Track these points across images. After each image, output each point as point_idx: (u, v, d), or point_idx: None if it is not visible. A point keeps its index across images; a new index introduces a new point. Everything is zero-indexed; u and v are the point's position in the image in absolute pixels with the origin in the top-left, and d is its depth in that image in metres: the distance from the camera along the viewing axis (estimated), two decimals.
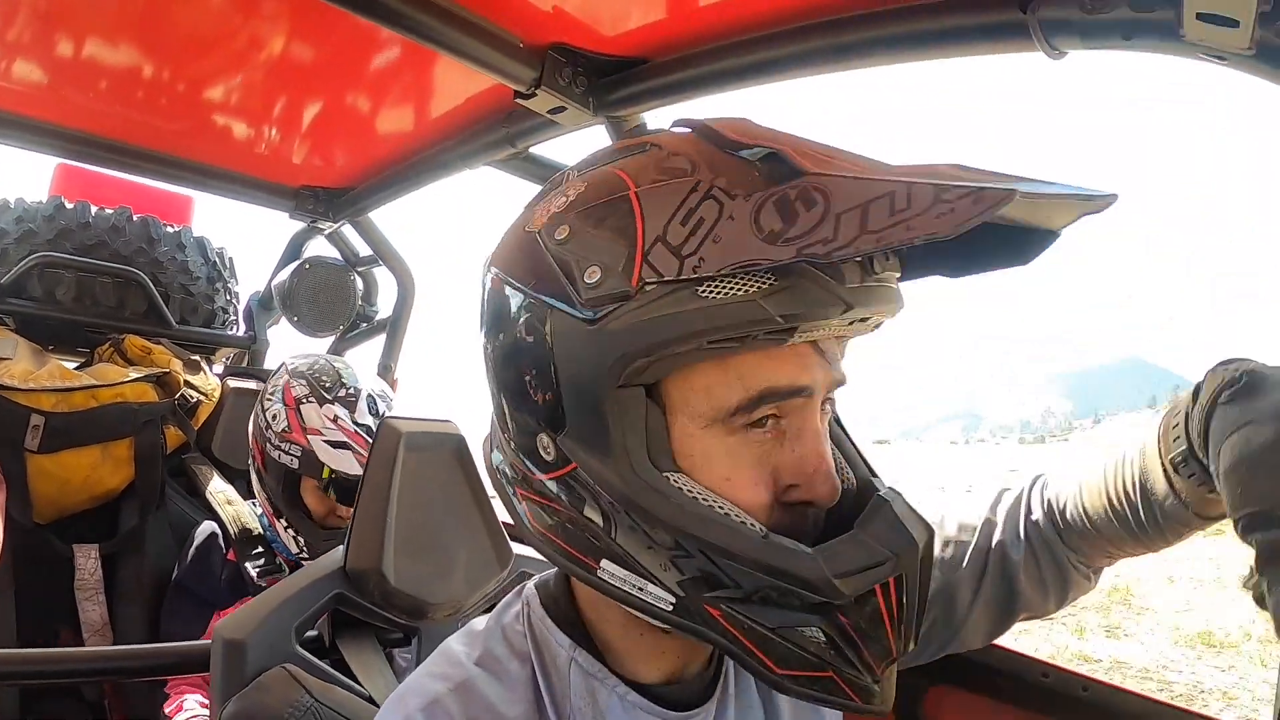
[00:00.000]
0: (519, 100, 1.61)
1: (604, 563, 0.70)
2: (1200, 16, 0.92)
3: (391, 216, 2.86)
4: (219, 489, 2.30)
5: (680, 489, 0.66)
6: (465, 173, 2.17)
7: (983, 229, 0.55)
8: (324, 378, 1.93)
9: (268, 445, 1.91)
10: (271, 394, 1.96)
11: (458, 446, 1.46)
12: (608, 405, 0.65)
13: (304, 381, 1.92)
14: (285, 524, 1.94)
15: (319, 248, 3.10)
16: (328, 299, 2.98)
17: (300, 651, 1.22)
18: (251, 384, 2.75)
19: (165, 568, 2.15)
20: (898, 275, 0.68)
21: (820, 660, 0.66)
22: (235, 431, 2.55)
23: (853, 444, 0.80)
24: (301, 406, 1.89)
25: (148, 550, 2.30)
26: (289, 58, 1.80)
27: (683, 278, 0.61)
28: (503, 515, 1.57)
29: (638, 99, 1.62)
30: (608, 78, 1.62)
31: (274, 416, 1.91)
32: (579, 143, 1.93)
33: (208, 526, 2.14)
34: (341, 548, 1.33)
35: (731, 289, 0.60)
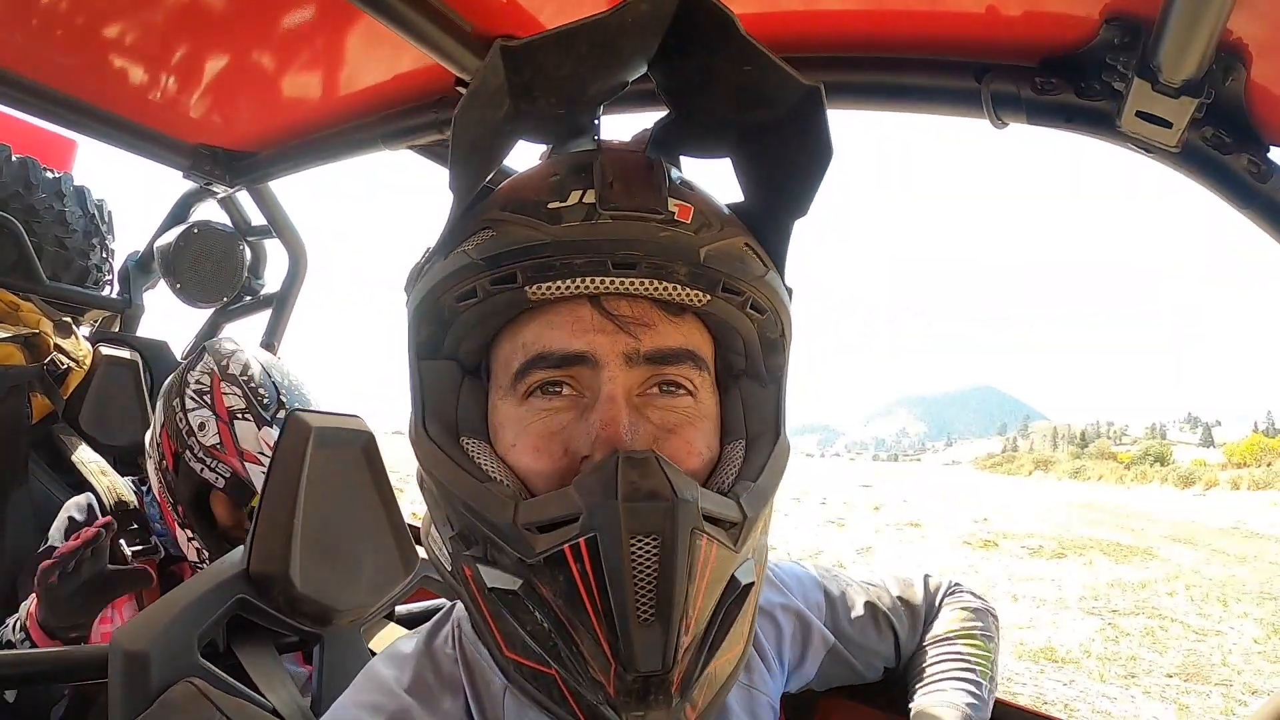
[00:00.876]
0: (460, 88, 1.54)
1: (431, 528, 0.75)
2: (1139, 114, 1.04)
3: (292, 188, 2.73)
4: (90, 459, 2.12)
5: (463, 448, 0.70)
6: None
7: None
8: (262, 391, 1.74)
9: (187, 454, 1.71)
10: (196, 393, 1.75)
11: (367, 444, 1.39)
12: (412, 373, 0.73)
13: (239, 392, 1.72)
14: (189, 534, 1.75)
15: (207, 212, 2.92)
16: (213, 267, 2.80)
17: (204, 663, 1.14)
18: (124, 352, 2.56)
19: (27, 549, 1.97)
20: (659, 212, 0.66)
21: (541, 651, 0.62)
22: (106, 403, 2.39)
23: (765, 461, 0.73)
24: (236, 424, 1.69)
25: (7, 530, 2.12)
26: (198, 3, 1.66)
27: (438, 247, 0.71)
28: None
29: None
30: None
31: (200, 426, 1.71)
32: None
33: (83, 499, 1.94)
34: (241, 549, 1.24)
35: (463, 248, 0.68)
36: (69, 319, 2.49)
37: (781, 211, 0.74)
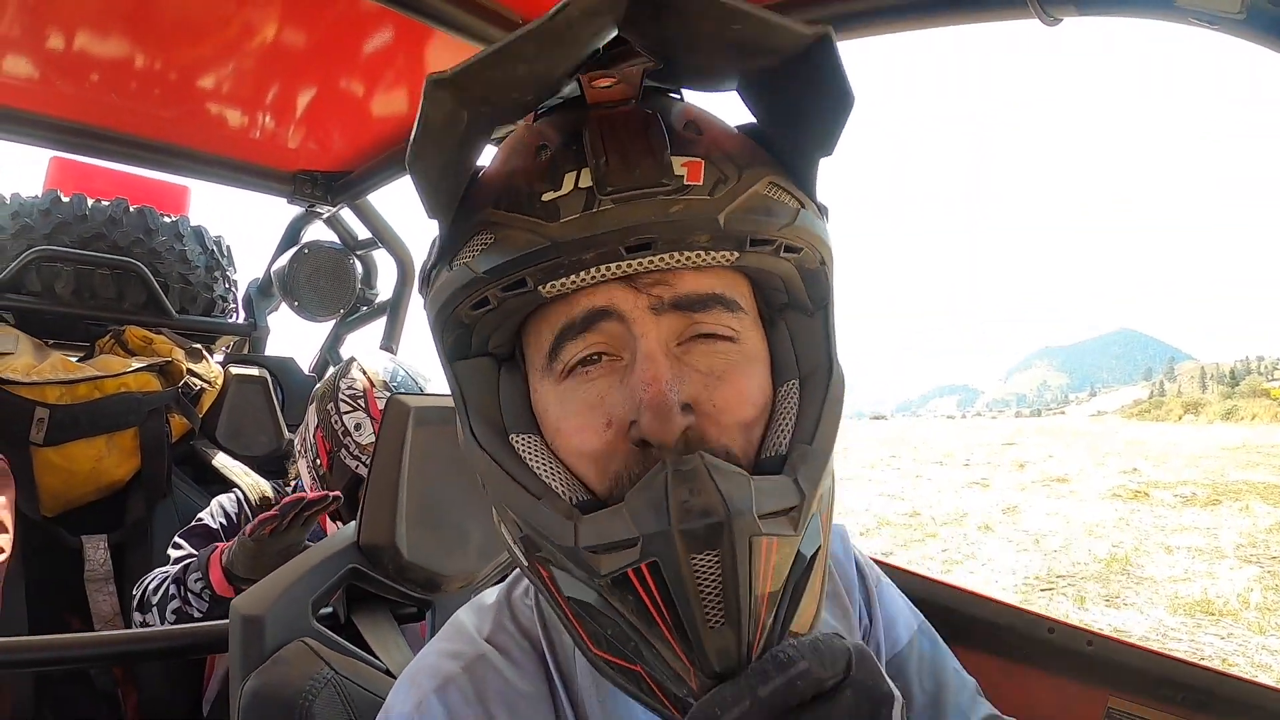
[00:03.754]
0: None
1: (502, 525, 0.72)
2: None
3: (390, 198, 2.86)
4: (233, 464, 2.33)
5: (513, 448, 0.67)
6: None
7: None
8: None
9: (342, 451, 1.87)
10: (349, 398, 1.91)
11: None
12: (449, 377, 0.70)
13: (389, 396, 1.87)
14: (339, 525, 1.93)
15: (317, 232, 3.11)
16: (327, 283, 2.99)
17: (317, 626, 1.23)
18: (253, 370, 2.77)
19: None
20: (665, 183, 0.60)
21: (625, 650, 0.62)
22: (239, 417, 2.59)
23: (821, 407, 0.69)
24: None
25: (155, 539, 2.32)
26: (281, 42, 1.79)
27: (438, 255, 0.67)
28: None
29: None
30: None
31: (357, 426, 1.87)
32: None
33: (232, 495, 2.17)
34: (354, 523, 1.34)
35: (464, 258, 0.64)
36: (199, 346, 2.68)
37: (805, 146, 0.67)
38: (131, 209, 2.76)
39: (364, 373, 1.93)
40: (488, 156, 0.71)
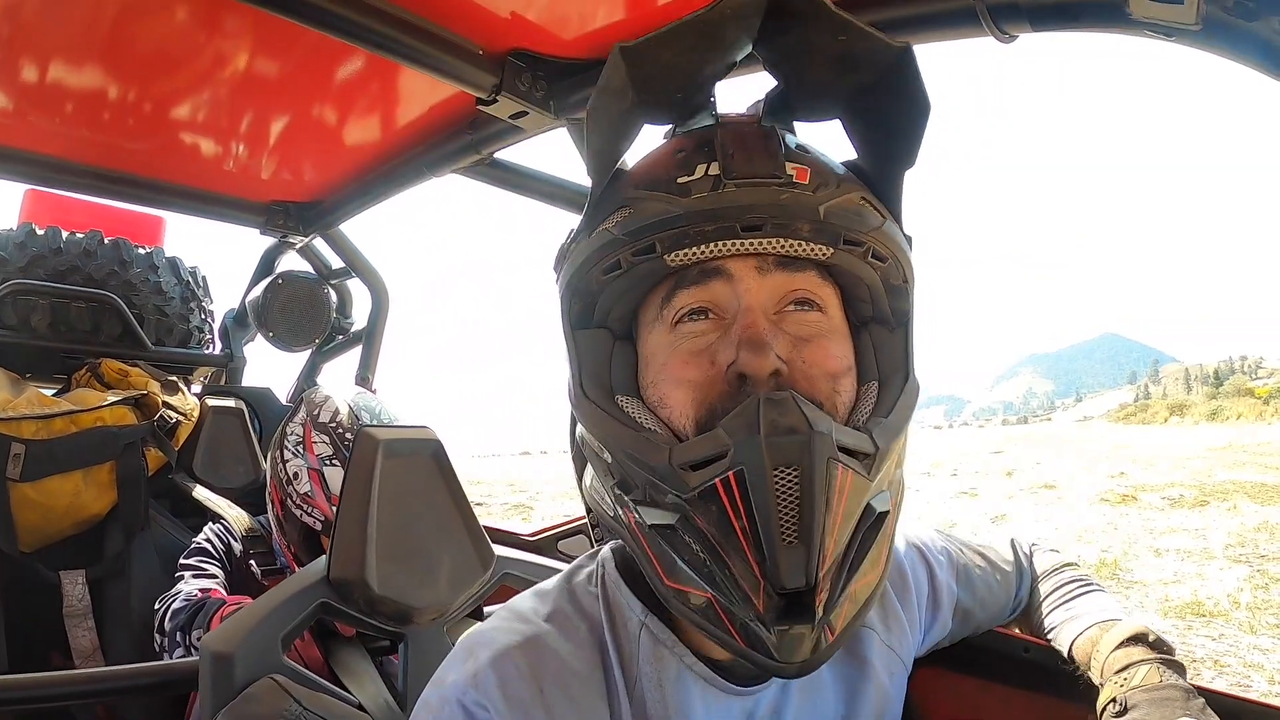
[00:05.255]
0: (480, 107, 1.62)
1: (592, 481, 0.84)
2: None
3: (362, 227, 2.87)
4: (214, 497, 2.33)
5: (619, 405, 0.77)
6: (434, 180, 2.16)
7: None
8: (348, 436, 1.85)
9: (289, 501, 1.85)
10: (291, 444, 1.89)
11: (435, 452, 1.47)
12: (568, 343, 0.81)
13: (327, 439, 1.85)
14: None
15: (291, 262, 3.10)
16: (302, 313, 2.98)
17: (287, 662, 1.23)
18: (230, 401, 2.75)
19: (153, 591, 2.12)
20: (778, 177, 0.73)
21: (698, 578, 0.68)
22: (216, 449, 2.58)
23: (897, 399, 0.78)
24: (325, 471, 1.81)
25: (134, 574, 2.30)
26: (253, 74, 1.79)
27: (582, 228, 0.79)
28: (483, 520, 1.58)
29: None
30: (567, 80, 1.63)
31: (295, 475, 1.84)
32: (546, 147, 1.94)
33: (217, 527, 2.18)
34: (324, 557, 1.34)
35: (604, 226, 0.76)
36: (174, 379, 2.67)
37: (891, 164, 0.78)
38: (106, 241, 2.76)
39: (307, 415, 1.90)
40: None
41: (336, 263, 3.05)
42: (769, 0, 0.71)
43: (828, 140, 0.83)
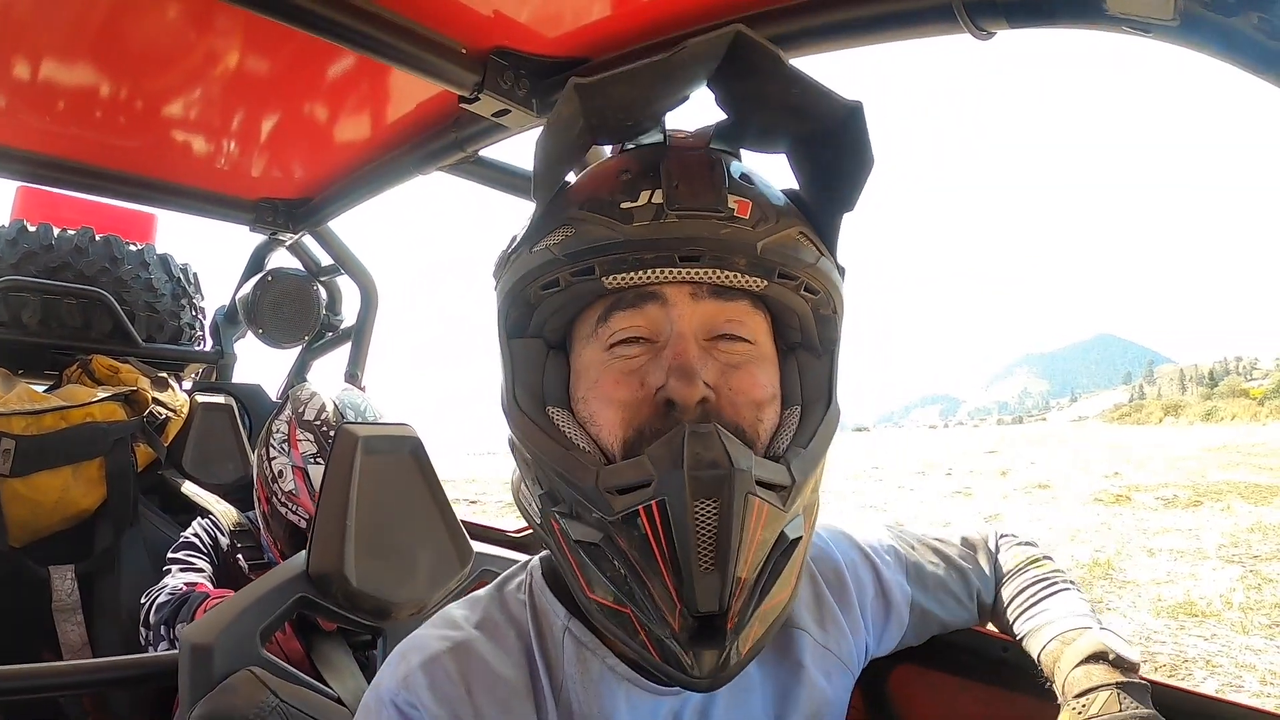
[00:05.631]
0: (463, 105, 1.63)
1: (522, 487, 0.86)
2: None
3: (350, 223, 2.86)
4: (202, 493, 2.33)
5: (549, 417, 0.79)
6: (421, 178, 2.17)
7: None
8: (332, 434, 1.83)
9: (274, 499, 1.85)
10: (276, 441, 1.88)
11: (414, 449, 1.49)
12: (503, 351, 0.82)
13: (310, 436, 1.84)
14: None
15: (281, 259, 3.12)
16: (292, 310, 2.99)
17: (266, 654, 1.25)
18: (219, 398, 2.77)
19: (142, 586, 2.13)
20: (720, 211, 0.74)
21: (619, 592, 0.72)
22: (205, 445, 2.59)
23: (817, 427, 0.82)
24: (310, 469, 1.80)
25: (123, 569, 2.31)
26: (243, 72, 1.81)
27: (523, 240, 0.80)
28: (462, 514, 1.59)
29: None
30: (549, 79, 1.64)
31: (280, 473, 1.84)
32: (530, 145, 1.95)
33: (206, 522, 2.17)
34: (304, 552, 1.35)
35: (545, 243, 0.77)
36: (164, 375, 2.68)
37: (831, 207, 0.82)
38: (97, 238, 2.78)
39: (292, 412, 1.90)
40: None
41: (326, 260, 3.07)
42: (727, 47, 0.71)
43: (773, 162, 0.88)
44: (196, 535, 2.10)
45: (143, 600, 1.92)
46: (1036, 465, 26.69)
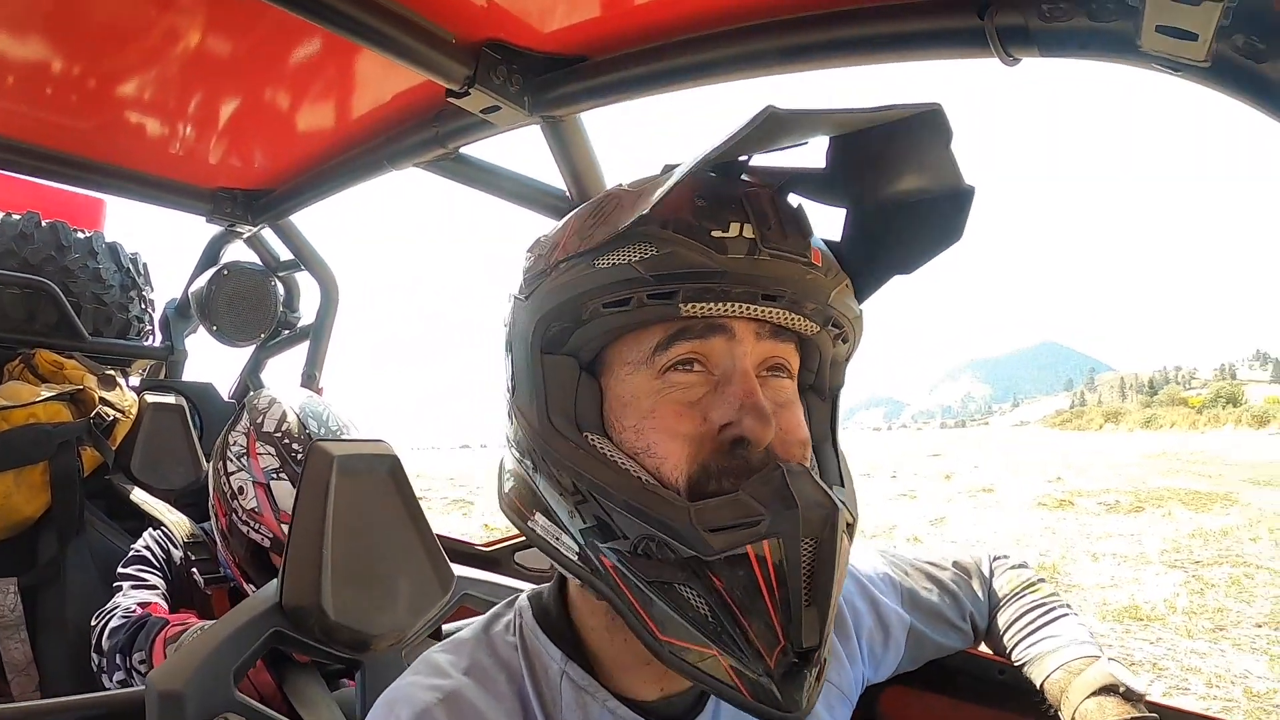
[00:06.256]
0: (451, 99, 1.54)
1: (536, 514, 0.80)
2: (1160, 29, 0.93)
3: (313, 219, 2.75)
4: (153, 501, 2.21)
5: (592, 444, 0.74)
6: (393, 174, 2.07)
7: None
8: (294, 446, 1.73)
9: (234, 517, 1.74)
10: (234, 454, 1.77)
11: (392, 467, 1.40)
12: (534, 367, 0.77)
13: (272, 450, 1.73)
14: (255, 589, 1.77)
15: (237, 252, 2.98)
16: (247, 306, 2.86)
17: (240, 697, 1.16)
18: (169, 398, 2.63)
19: (89, 599, 2.01)
20: (805, 257, 0.73)
21: (702, 634, 0.69)
22: (155, 450, 2.45)
23: (838, 466, 0.84)
24: (272, 485, 1.69)
25: (69, 581, 2.18)
26: (205, 52, 1.68)
27: (581, 251, 0.74)
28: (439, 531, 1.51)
29: (575, 98, 1.56)
30: (544, 76, 1.55)
31: (240, 489, 1.73)
32: (514, 143, 1.87)
33: (158, 534, 2.05)
34: (275, 582, 1.26)
35: (619, 259, 0.72)
36: (113, 372, 2.55)
37: (886, 267, 0.82)
38: (44, 224, 2.64)
39: (250, 423, 1.79)
40: None
41: (284, 254, 2.95)
42: (919, 119, 0.71)
43: None
44: (148, 548, 1.99)
45: (93, 622, 1.80)
46: (980, 469, 27.30)
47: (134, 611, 1.75)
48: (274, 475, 1.70)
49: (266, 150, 2.28)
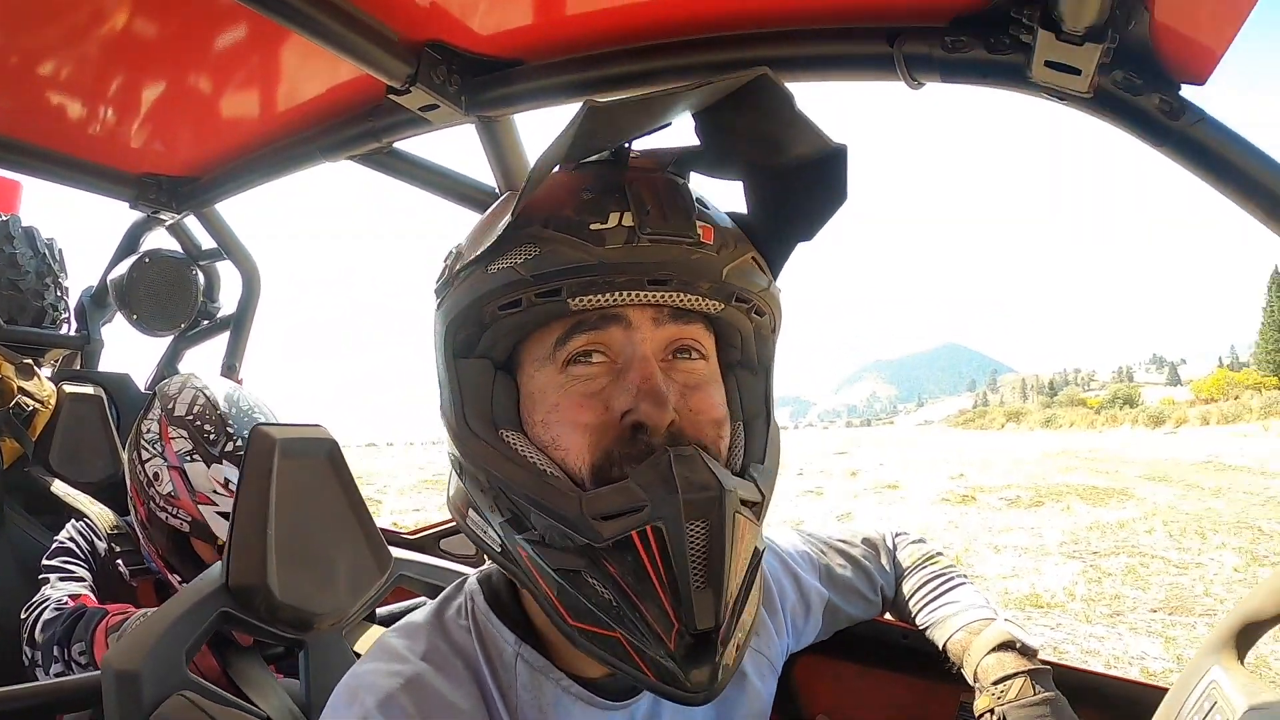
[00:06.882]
0: (392, 96, 1.56)
1: (469, 511, 0.84)
2: (1049, 64, 1.08)
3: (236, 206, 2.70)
4: (74, 493, 2.16)
5: (505, 441, 0.77)
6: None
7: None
8: (207, 427, 1.72)
9: (152, 505, 1.72)
10: (147, 441, 1.75)
11: (331, 451, 1.42)
12: (449, 372, 0.80)
13: (184, 433, 1.71)
14: (180, 578, 1.76)
15: (157, 239, 2.92)
16: (169, 295, 2.82)
17: (193, 677, 1.17)
18: (88, 388, 2.56)
19: (10, 594, 1.98)
20: (690, 237, 0.75)
21: (606, 618, 0.71)
22: (74, 442, 2.40)
23: (765, 443, 0.86)
24: (186, 467, 1.68)
25: None
26: (132, 32, 1.65)
27: (476, 258, 0.76)
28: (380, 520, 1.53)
29: (510, 100, 1.61)
30: (481, 77, 1.59)
31: (156, 476, 1.71)
32: (447, 136, 1.89)
33: (80, 525, 2.01)
34: (219, 564, 1.27)
35: (505, 263, 0.74)
36: (29, 361, 2.48)
37: (789, 236, 0.85)
38: None
39: (161, 409, 1.78)
40: None
41: (207, 242, 2.89)
42: (742, 87, 0.73)
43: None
44: (73, 540, 1.95)
45: (23, 615, 1.76)
46: (885, 466, 27.82)
47: (66, 603, 1.73)
48: (188, 458, 1.69)
49: (195, 136, 2.25)
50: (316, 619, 1.30)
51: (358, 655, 1.44)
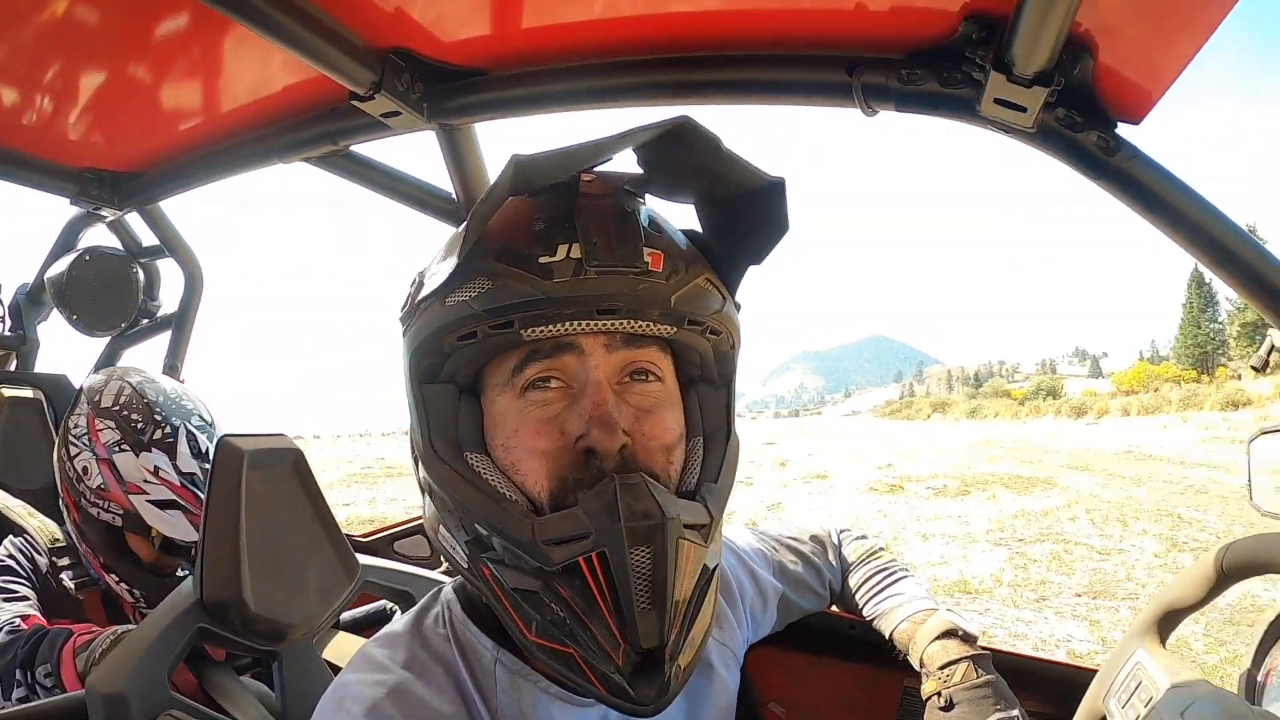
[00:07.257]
0: (355, 102, 1.55)
1: (440, 528, 0.86)
2: (997, 100, 1.16)
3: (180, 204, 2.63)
4: (11, 503, 2.09)
5: (469, 464, 0.80)
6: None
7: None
8: (134, 416, 1.71)
9: (83, 501, 1.69)
10: (76, 437, 1.72)
11: (297, 460, 1.42)
12: (415, 398, 0.83)
13: (111, 423, 1.70)
14: (116, 578, 1.74)
15: (96, 236, 2.84)
16: (109, 293, 2.74)
17: (177, 695, 1.17)
18: (26, 391, 2.49)
19: None
20: (638, 266, 0.78)
21: (560, 635, 0.75)
22: (14, 445, 2.34)
23: (722, 459, 0.89)
24: (115, 458, 1.67)
25: None
26: (74, 19, 1.57)
27: (434, 290, 0.79)
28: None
29: (472, 109, 1.61)
30: (443, 85, 1.59)
31: (85, 470, 1.68)
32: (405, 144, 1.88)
33: (17, 540, 1.93)
34: (190, 580, 1.26)
35: (460, 296, 0.77)
36: None
37: (739, 260, 0.88)
38: None
39: (88, 403, 1.75)
40: None
41: (148, 239, 2.82)
42: (667, 131, 0.75)
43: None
44: (13, 558, 1.88)
45: None
46: (814, 456, 28.18)
47: (19, 626, 1.68)
48: (116, 449, 1.68)
49: (141, 131, 2.15)
50: (290, 629, 1.31)
51: (328, 662, 1.45)
